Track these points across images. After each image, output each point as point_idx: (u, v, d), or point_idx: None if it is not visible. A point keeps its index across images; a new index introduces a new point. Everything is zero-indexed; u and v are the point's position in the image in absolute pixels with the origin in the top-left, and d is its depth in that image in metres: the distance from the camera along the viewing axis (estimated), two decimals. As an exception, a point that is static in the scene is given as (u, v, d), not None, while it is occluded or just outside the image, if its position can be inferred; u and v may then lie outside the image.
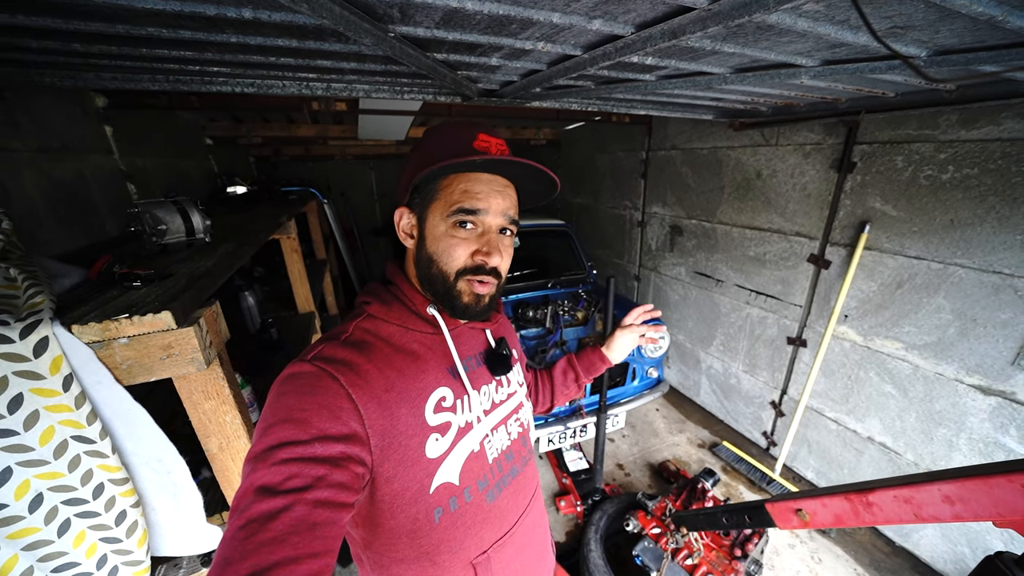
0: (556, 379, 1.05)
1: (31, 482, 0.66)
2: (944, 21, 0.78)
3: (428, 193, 0.64)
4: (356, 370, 0.57)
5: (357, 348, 0.60)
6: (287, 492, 0.46)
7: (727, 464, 2.74)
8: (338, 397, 0.54)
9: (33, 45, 0.87)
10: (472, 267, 0.63)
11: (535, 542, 0.81)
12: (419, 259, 0.67)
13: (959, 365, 1.81)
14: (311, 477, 0.47)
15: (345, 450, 0.52)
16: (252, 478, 0.47)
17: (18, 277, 0.69)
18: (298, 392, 0.54)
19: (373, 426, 0.56)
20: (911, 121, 1.85)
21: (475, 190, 0.62)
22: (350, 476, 0.51)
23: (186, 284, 0.81)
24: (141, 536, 0.79)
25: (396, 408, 0.59)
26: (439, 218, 0.63)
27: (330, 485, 0.48)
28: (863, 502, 0.96)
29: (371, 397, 0.57)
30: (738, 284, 2.85)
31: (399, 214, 0.68)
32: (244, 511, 0.44)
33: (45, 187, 1.31)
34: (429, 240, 0.65)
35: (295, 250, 2.01)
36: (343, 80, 1.34)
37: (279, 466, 0.47)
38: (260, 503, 0.45)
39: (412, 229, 0.67)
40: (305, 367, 0.56)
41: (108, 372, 0.67)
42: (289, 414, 0.51)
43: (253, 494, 0.46)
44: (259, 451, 0.49)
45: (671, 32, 0.78)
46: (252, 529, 0.43)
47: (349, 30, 0.71)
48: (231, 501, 0.93)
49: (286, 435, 0.49)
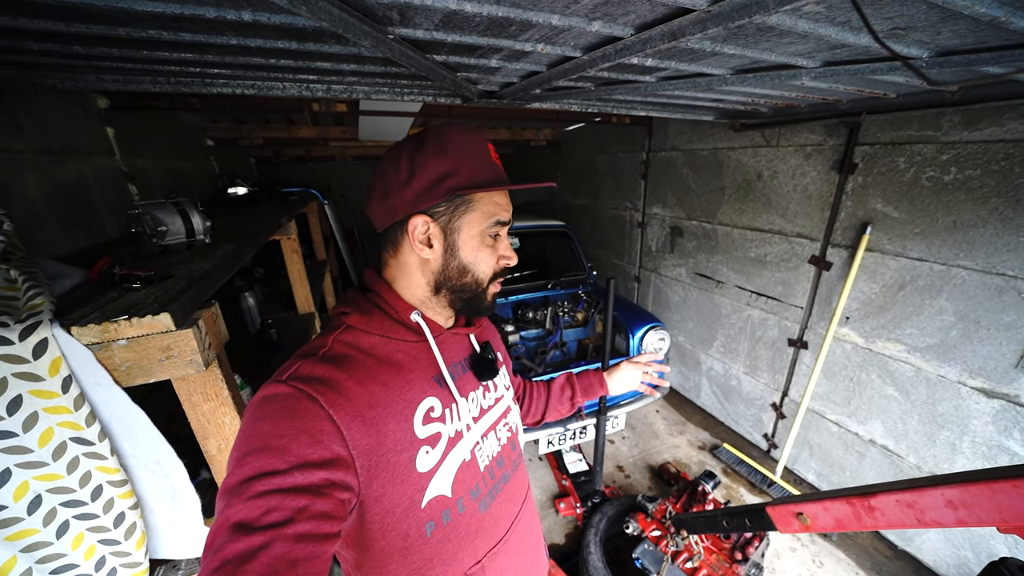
0: (552, 394, 1.05)
1: (30, 484, 0.66)
2: (946, 22, 0.78)
3: (459, 204, 0.62)
4: (336, 388, 0.54)
5: (337, 364, 0.57)
6: (265, 528, 0.42)
7: (728, 466, 2.73)
8: (318, 419, 0.51)
9: (35, 47, 0.88)
10: (498, 271, 0.68)
11: (529, 547, 0.80)
12: (446, 269, 0.65)
13: (962, 368, 1.80)
14: (291, 509, 0.44)
15: (328, 476, 0.49)
16: (227, 513, 0.44)
17: (18, 279, 0.69)
18: (274, 416, 0.50)
19: (358, 447, 0.53)
20: (913, 122, 1.85)
21: (504, 203, 0.66)
22: (334, 504, 0.48)
23: (185, 285, 0.81)
24: (140, 538, 0.79)
25: (383, 424, 0.56)
26: (476, 229, 0.64)
27: (312, 516, 0.45)
28: (865, 506, 0.96)
29: (354, 416, 0.54)
30: (739, 285, 2.85)
31: (415, 223, 0.62)
32: (218, 551, 0.41)
33: (47, 188, 1.31)
34: (465, 251, 0.64)
35: (295, 251, 2.02)
36: (343, 82, 1.34)
37: (256, 500, 0.44)
38: (236, 542, 0.41)
39: (431, 239, 0.63)
40: (281, 388, 0.52)
41: (107, 374, 0.67)
42: (265, 441, 0.48)
43: (228, 532, 0.42)
44: (234, 483, 0.46)
45: (671, 34, 0.78)
46: (227, 572, 0.40)
47: (348, 32, 0.71)
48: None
49: (263, 465, 0.46)
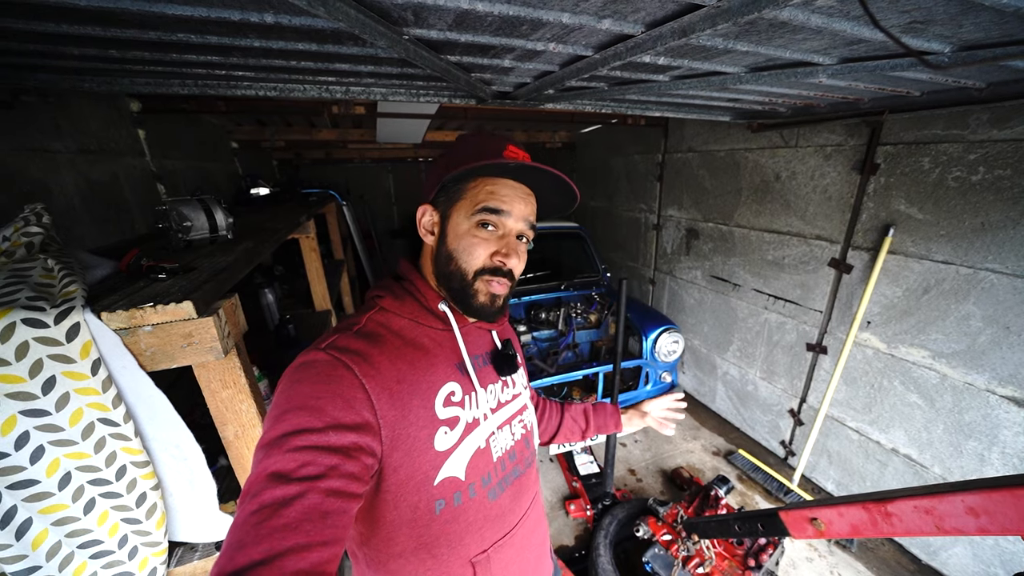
0: (565, 421, 1.04)
1: (61, 460, 0.69)
2: (967, 14, 0.76)
3: (454, 192, 0.66)
4: (369, 360, 0.58)
5: (369, 339, 0.62)
6: (301, 480, 0.46)
7: (743, 473, 2.67)
8: (352, 387, 0.55)
9: (75, 52, 0.93)
10: (490, 267, 0.65)
11: (535, 545, 0.81)
12: (438, 255, 0.68)
13: (991, 375, 1.73)
14: (324, 466, 0.48)
15: (357, 440, 0.52)
16: (265, 463, 0.47)
17: (55, 267, 0.73)
18: (312, 380, 0.54)
19: (385, 416, 0.57)
20: (938, 121, 1.79)
21: (501, 193, 0.65)
22: (360, 467, 0.51)
23: (207, 277, 0.85)
24: (160, 518, 0.82)
25: (407, 400, 0.60)
26: (463, 217, 0.65)
27: (342, 475, 0.48)
28: (881, 512, 0.93)
29: (383, 388, 0.57)
30: (756, 288, 2.79)
31: (422, 210, 0.69)
32: (257, 496, 0.45)
33: (82, 186, 1.39)
34: (451, 237, 0.66)
35: (313, 249, 2.07)
36: (361, 83, 1.38)
37: (293, 453, 0.48)
38: (273, 489, 0.45)
39: (433, 226, 0.69)
40: (319, 355, 0.57)
41: (133, 358, 0.71)
42: (304, 401, 0.52)
43: (266, 480, 0.46)
44: (273, 437, 0.49)
45: (681, 30, 0.78)
46: (265, 514, 0.43)
47: (365, 33, 0.74)
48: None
49: (301, 422, 0.50)
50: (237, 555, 0.41)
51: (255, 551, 0.41)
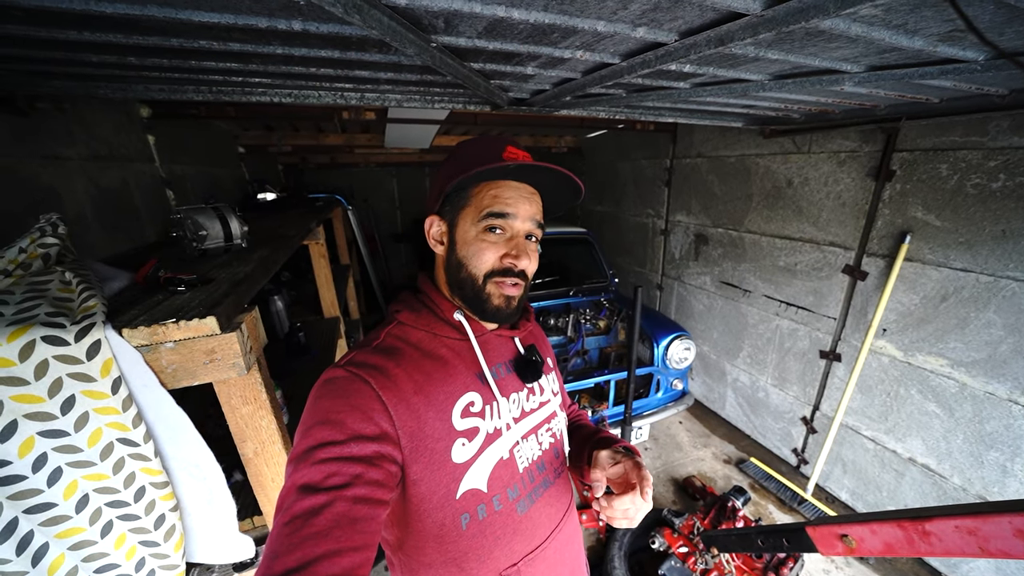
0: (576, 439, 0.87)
1: (79, 483, 0.67)
2: (1012, 23, 0.74)
3: (459, 200, 0.66)
4: (386, 374, 0.59)
5: (387, 353, 0.63)
6: (328, 489, 0.48)
7: (755, 481, 2.64)
8: (369, 399, 0.56)
9: (93, 59, 0.91)
10: (500, 269, 0.65)
11: (568, 560, 0.78)
12: (449, 264, 0.68)
13: (1013, 384, 1.70)
14: (349, 475, 0.50)
15: (379, 449, 0.54)
16: (294, 477, 0.50)
17: (73, 280, 0.71)
18: (333, 396, 0.56)
19: (403, 427, 0.58)
20: (957, 127, 1.77)
21: (505, 196, 0.64)
22: (384, 474, 0.53)
23: (228, 289, 0.83)
24: (178, 541, 0.79)
25: (424, 411, 0.60)
26: (469, 223, 0.65)
27: (367, 483, 0.50)
28: (919, 531, 0.90)
29: (400, 399, 0.58)
30: (767, 295, 2.77)
31: (429, 222, 0.69)
32: (288, 508, 0.47)
33: (93, 193, 1.37)
34: (459, 245, 0.66)
35: (323, 255, 2.05)
36: (378, 90, 1.36)
37: (319, 465, 0.50)
38: (303, 500, 0.47)
39: (442, 236, 0.69)
40: (339, 372, 0.59)
41: (154, 376, 0.68)
42: (326, 416, 0.54)
43: (296, 492, 0.48)
44: (300, 452, 0.52)
45: (718, 39, 0.76)
46: (297, 525, 0.45)
47: (395, 41, 0.72)
48: (263, 506, 0.94)
49: (324, 436, 0.52)
50: (273, 564, 0.43)
51: (289, 559, 0.43)
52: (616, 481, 0.67)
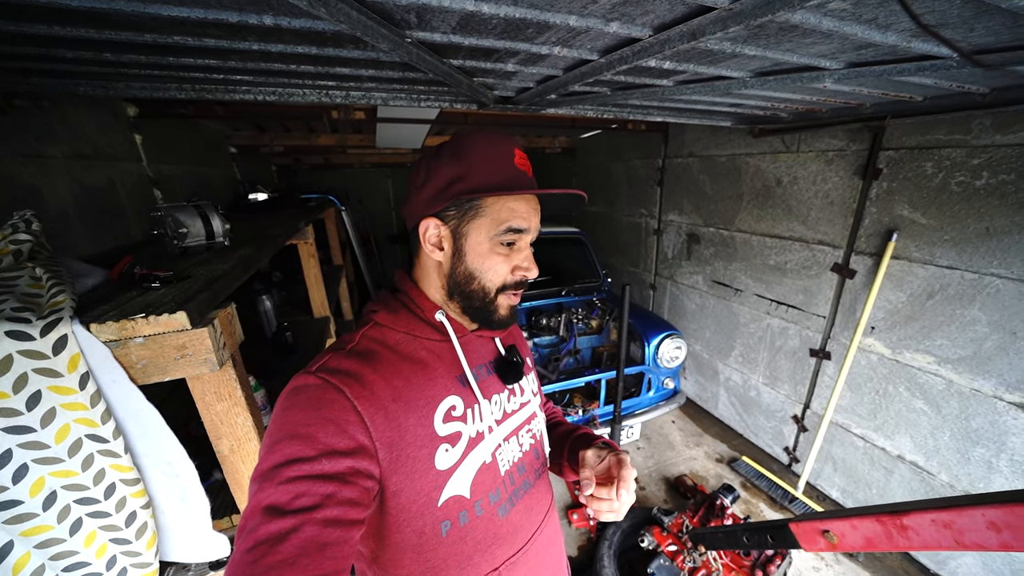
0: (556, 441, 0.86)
1: (46, 479, 0.66)
2: (980, 18, 0.75)
3: (468, 208, 0.62)
4: (361, 381, 0.56)
5: (363, 358, 0.59)
6: (295, 512, 0.44)
7: (747, 480, 2.64)
8: (344, 410, 0.53)
9: (68, 55, 0.91)
10: (513, 283, 0.64)
11: (550, 562, 0.77)
12: (453, 273, 0.65)
13: (998, 381, 1.71)
14: (320, 495, 0.46)
15: (353, 465, 0.50)
16: (259, 497, 0.46)
17: (43, 276, 0.71)
18: (302, 406, 0.52)
19: (380, 438, 0.54)
20: (941, 126, 1.78)
21: (521, 210, 0.62)
22: (359, 492, 0.50)
23: (202, 286, 0.82)
24: (150, 538, 0.79)
25: (404, 418, 0.57)
26: (484, 235, 0.62)
27: (339, 503, 0.47)
28: (897, 525, 0.90)
29: (377, 408, 0.55)
30: (758, 294, 2.78)
31: (426, 225, 0.63)
32: (252, 532, 0.44)
33: (76, 192, 1.36)
34: (471, 256, 0.63)
35: (312, 255, 2.04)
36: (361, 88, 1.36)
37: (286, 484, 0.46)
38: (268, 524, 0.44)
39: (442, 240, 0.64)
40: (309, 379, 0.55)
41: (123, 371, 0.68)
42: (295, 429, 0.50)
43: (260, 514, 0.45)
44: (265, 469, 0.48)
45: (690, 33, 0.76)
46: (261, 552, 0.42)
47: (367, 35, 0.72)
48: (240, 504, 0.93)
49: (292, 452, 0.48)
50: None
51: None
52: (602, 477, 0.67)
